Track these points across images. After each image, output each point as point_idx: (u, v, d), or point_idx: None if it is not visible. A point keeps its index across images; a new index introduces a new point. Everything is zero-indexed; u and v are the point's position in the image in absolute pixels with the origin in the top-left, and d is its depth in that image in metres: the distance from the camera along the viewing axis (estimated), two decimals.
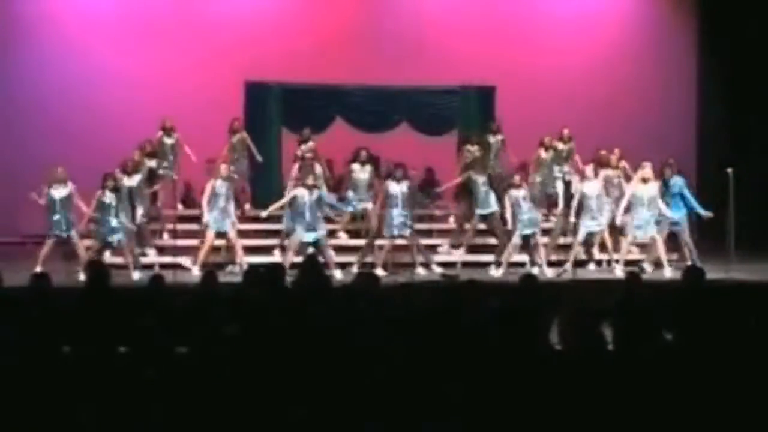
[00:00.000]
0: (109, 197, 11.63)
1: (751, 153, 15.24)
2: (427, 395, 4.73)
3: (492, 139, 13.75)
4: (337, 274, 11.51)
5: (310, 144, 13.40)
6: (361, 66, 15.02)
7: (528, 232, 12.13)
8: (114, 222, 11.59)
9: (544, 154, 13.47)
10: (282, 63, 14.56)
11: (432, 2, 16.24)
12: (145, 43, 15.48)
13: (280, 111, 14.22)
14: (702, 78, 16.50)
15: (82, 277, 11.55)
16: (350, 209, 12.85)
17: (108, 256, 11.88)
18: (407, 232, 12.13)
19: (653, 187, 11.94)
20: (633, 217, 11.97)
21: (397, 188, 12.10)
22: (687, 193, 12.24)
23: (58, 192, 11.68)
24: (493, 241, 12.79)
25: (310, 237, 11.75)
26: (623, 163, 12.97)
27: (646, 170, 11.95)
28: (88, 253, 11.58)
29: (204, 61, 15.32)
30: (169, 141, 13.50)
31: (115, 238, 11.61)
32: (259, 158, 13.61)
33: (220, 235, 12.01)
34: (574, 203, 12.21)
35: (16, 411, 4.60)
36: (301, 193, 11.85)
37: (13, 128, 15.20)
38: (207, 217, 11.96)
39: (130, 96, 14.97)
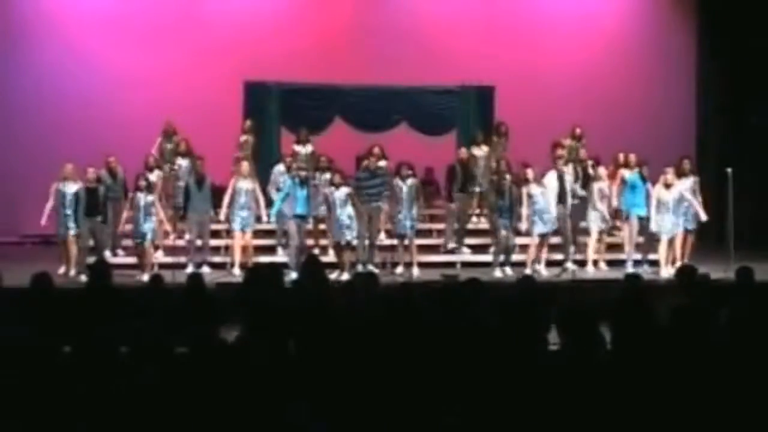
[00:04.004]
0: (141, 197, 11.77)
1: (751, 153, 15.24)
2: (426, 394, 4.73)
3: (500, 140, 13.77)
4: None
5: (309, 147, 13.42)
6: (361, 66, 15.03)
7: (545, 230, 12.14)
8: (143, 220, 11.74)
9: (560, 152, 13.37)
10: (281, 63, 14.55)
11: (431, 2, 16.25)
12: (144, 43, 15.49)
13: (279, 111, 14.21)
14: (702, 77, 16.50)
15: (73, 275, 11.71)
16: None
17: (107, 256, 11.95)
18: (411, 231, 12.15)
19: (676, 191, 12.06)
20: (657, 222, 12.07)
21: (403, 186, 12.11)
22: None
23: (69, 189, 11.80)
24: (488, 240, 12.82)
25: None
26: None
27: (669, 176, 12.07)
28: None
29: (203, 61, 15.34)
30: (169, 145, 13.52)
31: (145, 237, 11.76)
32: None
33: (243, 233, 12.12)
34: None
35: (16, 411, 4.60)
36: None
37: (13, 129, 15.22)
38: (228, 216, 12.13)
39: (129, 96, 14.99)
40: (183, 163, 13.17)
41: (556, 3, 16.61)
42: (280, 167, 12.95)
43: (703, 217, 12.28)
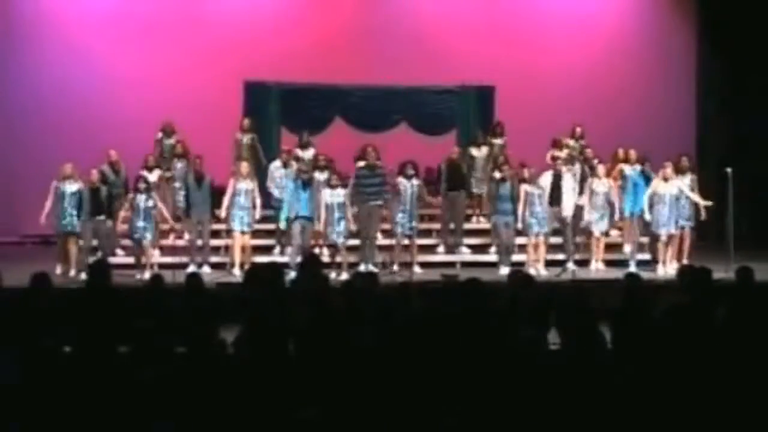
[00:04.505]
0: (139, 198, 11.77)
1: (751, 153, 15.24)
2: (426, 394, 4.73)
3: (497, 141, 13.77)
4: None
5: (311, 151, 13.43)
6: (361, 66, 15.02)
7: (541, 231, 12.12)
8: (141, 222, 11.73)
9: (558, 153, 13.37)
10: (281, 63, 14.55)
11: (431, 2, 16.24)
12: (144, 43, 15.49)
13: (279, 111, 14.21)
14: (702, 77, 16.50)
15: (73, 275, 11.69)
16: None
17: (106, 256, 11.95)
18: (411, 230, 12.13)
19: (674, 186, 12.06)
20: (654, 215, 12.08)
21: (407, 185, 12.10)
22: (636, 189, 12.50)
23: (69, 188, 11.80)
24: (487, 240, 12.79)
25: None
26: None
27: (668, 170, 12.07)
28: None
29: (203, 61, 15.33)
30: (168, 142, 13.54)
31: (144, 238, 11.78)
32: (263, 161, 13.64)
33: (243, 233, 12.12)
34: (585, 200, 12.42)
35: (16, 411, 4.60)
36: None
37: (13, 129, 15.23)
38: (227, 217, 12.13)
39: (129, 96, 14.99)
40: (179, 164, 13.18)
41: (556, 3, 16.60)
42: (276, 163, 12.98)
43: (702, 214, 12.28)
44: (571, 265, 12.14)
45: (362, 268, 11.82)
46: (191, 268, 11.62)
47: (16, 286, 7.72)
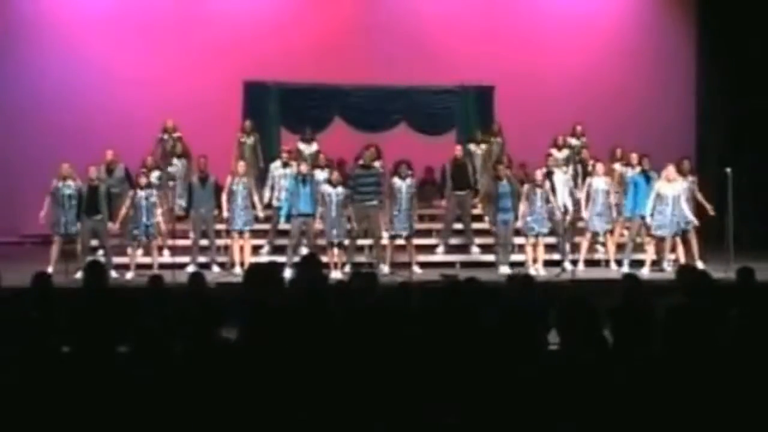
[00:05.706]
0: (139, 195, 11.78)
1: (751, 153, 15.24)
2: (426, 394, 4.74)
3: (496, 140, 13.79)
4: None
5: (314, 146, 13.48)
6: (360, 66, 15.04)
7: (543, 230, 12.12)
8: (143, 219, 11.77)
9: (557, 153, 13.36)
10: (281, 63, 14.57)
11: (431, 2, 16.26)
12: (144, 43, 15.51)
13: (279, 111, 14.23)
14: (702, 77, 16.50)
15: (72, 273, 11.70)
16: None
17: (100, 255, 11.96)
18: (408, 231, 12.12)
19: (677, 187, 12.00)
20: (656, 216, 12.03)
21: (402, 185, 12.10)
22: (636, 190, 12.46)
23: (66, 187, 11.81)
24: (490, 240, 12.81)
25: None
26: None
27: (670, 171, 12.01)
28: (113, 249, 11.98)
29: (203, 61, 15.36)
30: (169, 141, 13.57)
31: (145, 235, 11.85)
32: (260, 164, 13.68)
33: (242, 233, 12.14)
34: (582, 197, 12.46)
35: (16, 411, 4.60)
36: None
37: (13, 129, 15.24)
38: (226, 216, 12.17)
39: (128, 96, 15.01)
40: (178, 164, 13.19)
41: (555, 3, 16.62)
42: (276, 163, 13.00)
43: (695, 221, 12.19)
44: (568, 265, 12.13)
45: (347, 268, 11.94)
46: (191, 268, 11.62)
47: (16, 286, 7.73)
